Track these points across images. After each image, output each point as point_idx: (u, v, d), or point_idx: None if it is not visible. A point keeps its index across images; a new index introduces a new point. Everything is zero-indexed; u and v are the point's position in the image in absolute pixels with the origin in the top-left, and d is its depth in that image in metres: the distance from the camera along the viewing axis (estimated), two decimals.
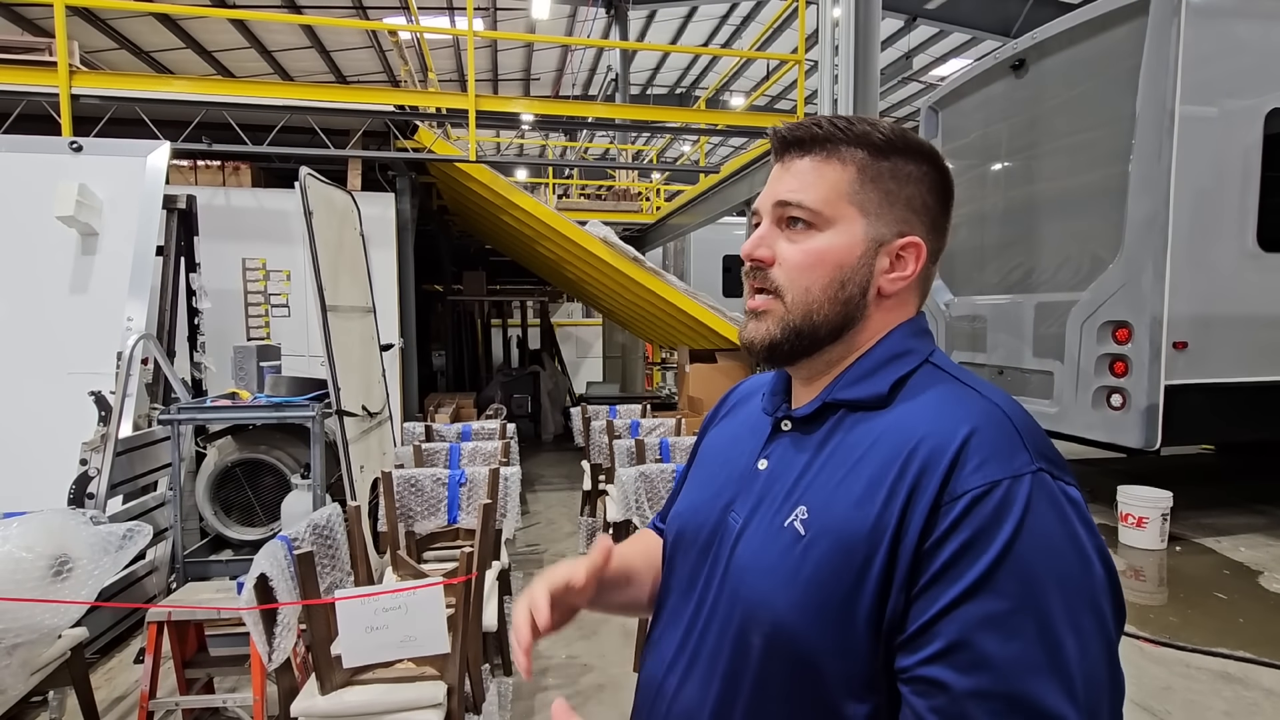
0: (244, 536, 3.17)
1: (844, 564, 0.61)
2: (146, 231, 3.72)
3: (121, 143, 3.89)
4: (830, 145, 0.70)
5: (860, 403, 0.69)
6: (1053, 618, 0.55)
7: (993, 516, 0.57)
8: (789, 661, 0.63)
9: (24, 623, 1.93)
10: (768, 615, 0.64)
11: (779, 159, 0.74)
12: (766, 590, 0.65)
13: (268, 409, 2.96)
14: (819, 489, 0.66)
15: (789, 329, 0.70)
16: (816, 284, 0.69)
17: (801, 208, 0.70)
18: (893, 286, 0.71)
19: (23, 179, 3.70)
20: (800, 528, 0.64)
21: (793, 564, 0.63)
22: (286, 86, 4.57)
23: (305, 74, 15.22)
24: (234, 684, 2.72)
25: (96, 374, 3.37)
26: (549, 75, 17.63)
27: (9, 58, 4.36)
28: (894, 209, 0.70)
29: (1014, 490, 0.57)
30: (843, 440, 0.68)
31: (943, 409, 0.64)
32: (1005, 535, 0.56)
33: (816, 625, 0.61)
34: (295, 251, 4.87)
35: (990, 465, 0.59)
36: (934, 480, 0.59)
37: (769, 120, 5.55)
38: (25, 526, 2.04)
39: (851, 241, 0.69)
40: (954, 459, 0.59)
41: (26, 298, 3.56)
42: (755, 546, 0.68)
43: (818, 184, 0.70)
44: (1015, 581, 0.55)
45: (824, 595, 0.61)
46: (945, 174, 0.73)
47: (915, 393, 0.68)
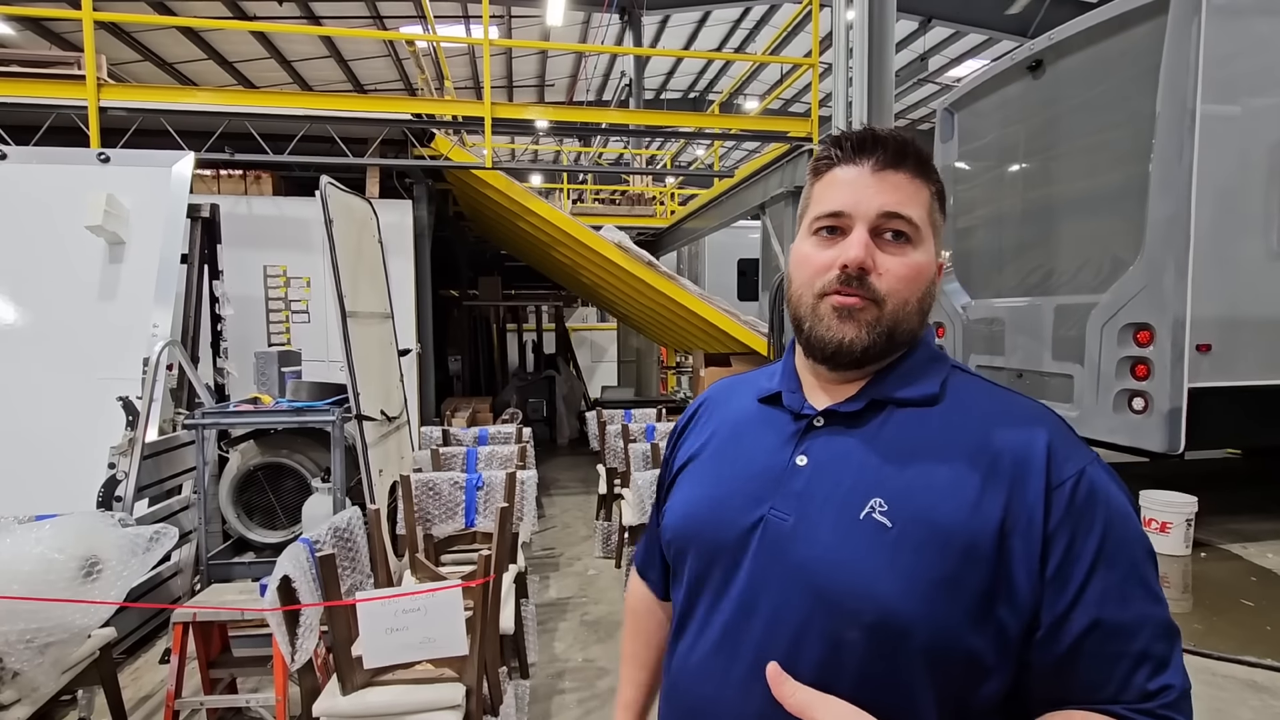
0: (266, 539, 3.21)
1: (944, 549, 0.64)
2: (172, 240, 3.80)
3: (147, 153, 3.98)
4: (920, 164, 0.74)
5: (914, 401, 0.73)
6: (1144, 572, 0.66)
7: (1087, 499, 0.66)
8: (902, 651, 0.64)
9: (55, 622, 1.98)
10: (871, 606, 0.64)
11: (864, 162, 0.73)
12: (863, 582, 0.65)
13: (289, 414, 3.01)
14: (894, 481, 0.68)
15: (883, 334, 0.72)
16: (913, 296, 0.73)
17: (910, 222, 0.72)
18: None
19: (53, 189, 3.80)
20: (884, 519, 0.66)
21: (886, 554, 0.65)
22: (306, 96, 4.65)
23: (324, 83, 15.45)
24: (256, 684, 2.77)
25: (123, 379, 3.45)
26: (563, 81, 17.73)
27: (40, 72, 4.48)
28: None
29: (1093, 474, 0.67)
30: (901, 434, 0.71)
31: (1009, 410, 0.72)
32: (1102, 514, 0.66)
33: (928, 610, 0.63)
34: (315, 258, 4.95)
35: (1074, 457, 0.68)
36: (1038, 471, 0.66)
37: (783, 124, 5.54)
38: (57, 528, 2.09)
39: (931, 259, 0.75)
40: (1048, 455, 0.67)
41: (57, 305, 3.65)
42: (829, 541, 0.68)
43: (917, 199, 0.73)
44: (1118, 552, 0.65)
45: (932, 580, 0.64)
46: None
47: (962, 393, 0.74)
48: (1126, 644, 0.64)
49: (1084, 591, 0.64)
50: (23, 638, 1.93)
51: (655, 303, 5.65)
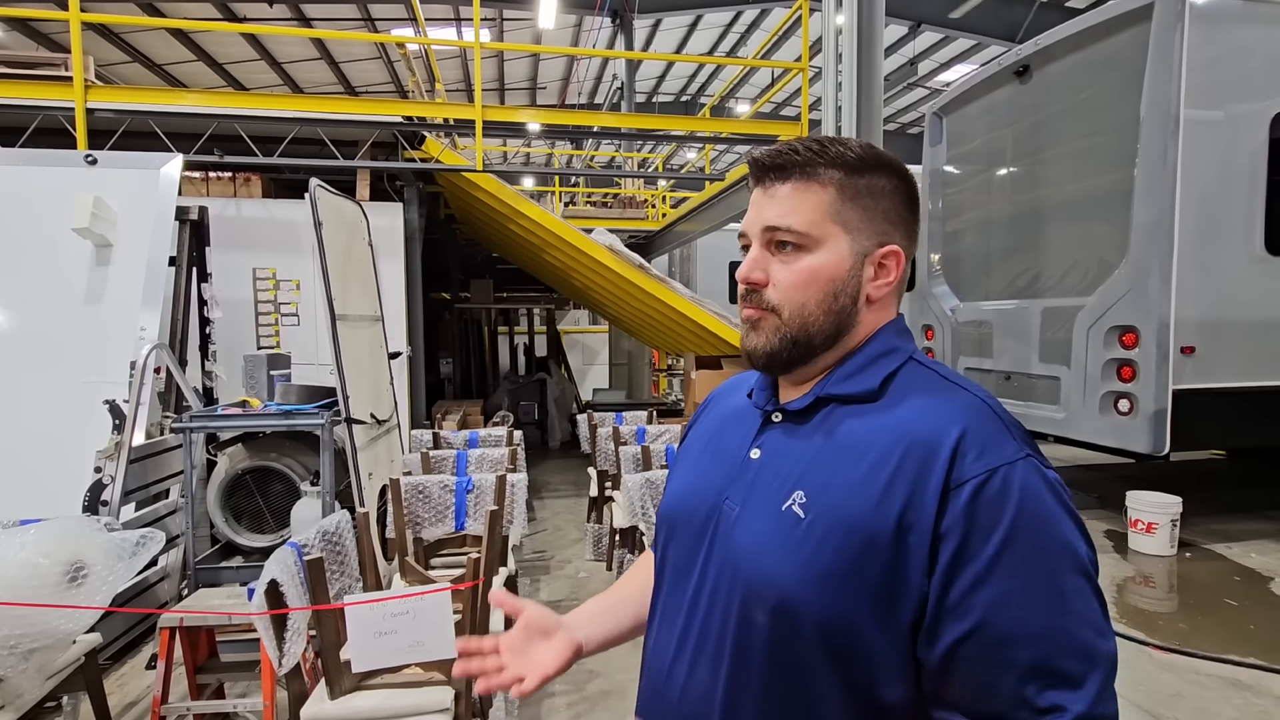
0: (254, 543, 3.20)
1: (846, 543, 0.65)
2: (160, 242, 3.77)
3: (135, 155, 3.96)
4: (809, 169, 0.74)
5: (852, 397, 0.74)
6: (1059, 584, 0.62)
7: (995, 500, 0.63)
8: (798, 636, 0.67)
9: (40, 628, 1.97)
10: (772, 592, 0.68)
11: (759, 184, 0.77)
12: (769, 568, 0.69)
13: (277, 417, 3.00)
14: (816, 475, 0.70)
15: (786, 340, 0.75)
16: (812, 299, 0.74)
17: (790, 231, 0.74)
18: (879, 292, 0.76)
19: (40, 191, 3.76)
20: (800, 510, 0.69)
21: (794, 544, 0.68)
22: (296, 99, 4.64)
23: (314, 85, 15.39)
24: (244, 689, 2.75)
25: (110, 383, 3.42)
26: (555, 84, 17.74)
27: (26, 73, 4.45)
28: (874, 222, 0.75)
29: (1010, 475, 0.64)
30: (836, 431, 0.73)
31: (936, 404, 0.70)
32: (1009, 517, 0.62)
33: (821, 599, 0.65)
34: (304, 261, 4.93)
35: (987, 455, 0.65)
36: (938, 470, 0.64)
37: (773, 128, 5.58)
38: (41, 533, 2.07)
39: (839, 257, 0.74)
40: (955, 449, 0.65)
41: (43, 308, 3.61)
42: (755, 529, 0.71)
43: (801, 207, 0.74)
44: (1023, 557, 0.62)
45: (828, 571, 0.66)
46: (913, 185, 0.79)
47: (905, 388, 0.73)
48: (1017, 654, 0.61)
49: (972, 595, 0.62)
50: (6, 643, 1.92)
51: (647, 305, 5.67)
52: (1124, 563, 4.09)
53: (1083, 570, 0.64)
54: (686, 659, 0.75)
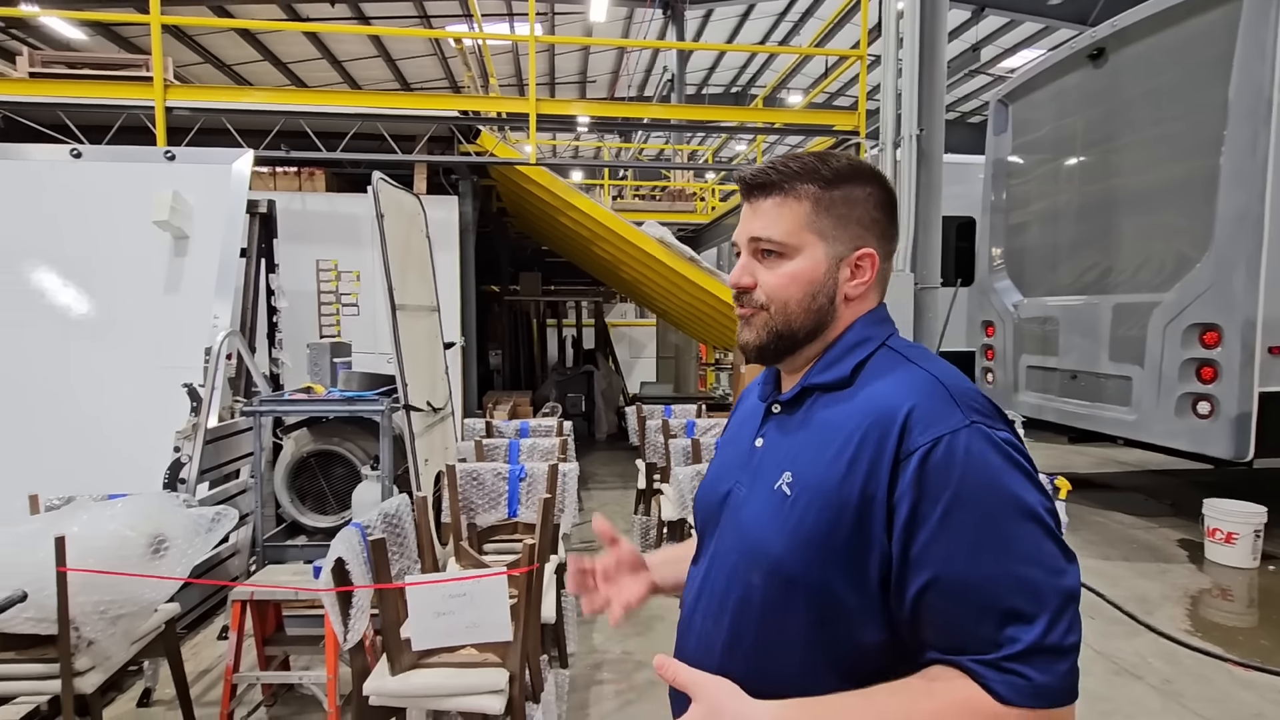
0: (317, 523, 3.33)
1: (822, 514, 0.76)
2: (232, 234, 3.95)
3: (210, 151, 4.15)
4: (787, 185, 0.84)
5: (829, 385, 0.84)
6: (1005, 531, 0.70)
7: (941, 464, 0.71)
8: (786, 595, 0.78)
9: (127, 595, 2.09)
10: (765, 558, 0.80)
11: (747, 200, 0.88)
12: (763, 539, 0.81)
13: (340, 403, 3.11)
14: (800, 457, 0.81)
15: (773, 333, 0.85)
16: (793, 299, 0.84)
17: (771, 241, 0.84)
18: (856, 290, 0.86)
19: (123, 186, 3.99)
20: (787, 489, 0.80)
21: (782, 517, 0.79)
22: (359, 95, 4.78)
23: (372, 82, 15.83)
24: (307, 663, 2.87)
25: (186, 368, 3.61)
26: (605, 77, 17.80)
27: (111, 74, 4.71)
28: (848, 229, 0.85)
29: (954, 441, 0.72)
30: (817, 417, 0.83)
31: (894, 384, 0.79)
32: (954, 479, 0.70)
33: (803, 563, 0.76)
34: (364, 253, 5.09)
35: (933, 425, 0.73)
36: (890, 443, 0.74)
37: (828, 118, 5.46)
38: (128, 507, 2.21)
39: (815, 262, 0.84)
40: (904, 424, 0.74)
41: (126, 296, 3.83)
42: (755, 508, 0.84)
43: (780, 220, 0.84)
44: (969, 512, 0.70)
45: (807, 539, 0.76)
46: (887, 190, 0.88)
47: (873, 373, 0.82)
48: (970, 598, 0.69)
49: (926, 551, 0.70)
50: (97, 609, 2.05)
51: (696, 299, 5.64)
52: (1200, 574, 3.87)
53: (1031, 516, 0.70)
54: (700, 613, 0.88)
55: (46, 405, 3.53)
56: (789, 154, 0.87)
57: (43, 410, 3.52)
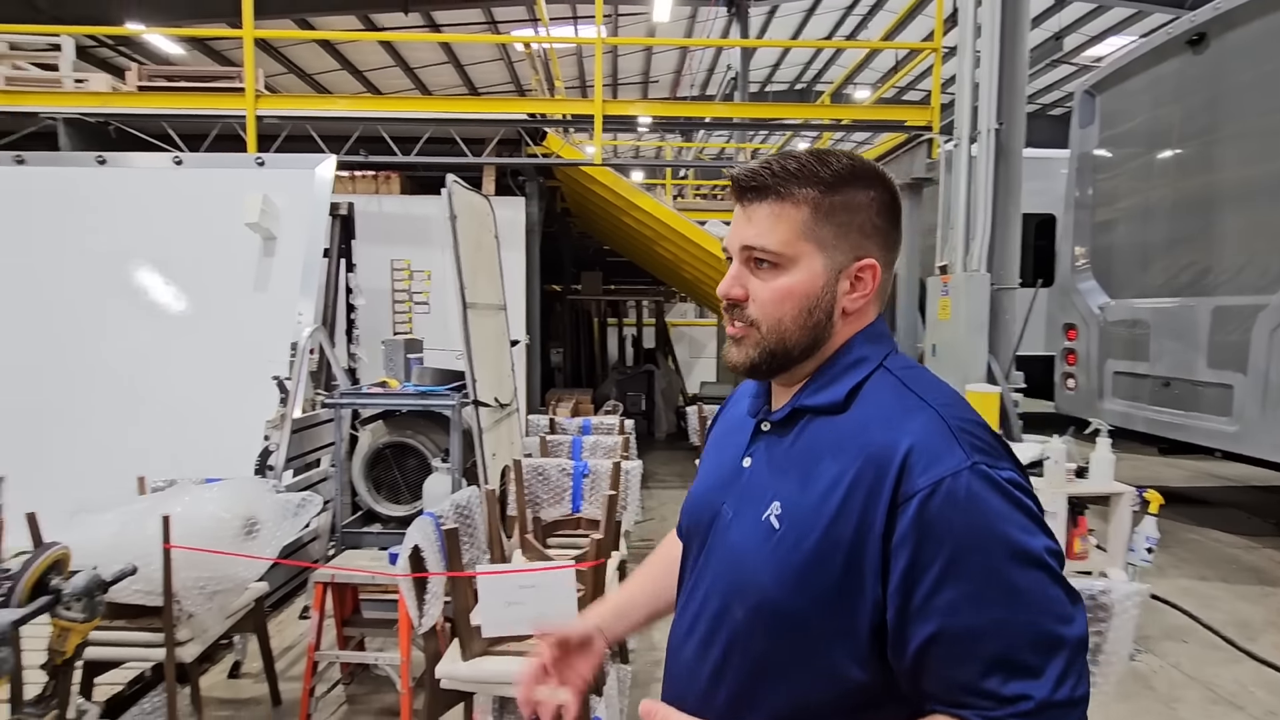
0: (391, 512, 3.46)
1: (811, 553, 0.71)
2: (315, 236, 4.17)
3: (296, 157, 4.39)
4: (784, 188, 0.77)
5: (822, 409, 0.78)
6: (1010, 579, 0.65)
7: (940, 511, 0.66)
8: (767, 632, 0.75)
9: (224, 573, 2.24)
10: (750, 592, 0.76)
11: (739, 203, 0.80)
12: (749, 571, 0.76)
13: (415, 397, 3.23)
14: (789, 487, 0.76)
15: (765, 352, 0.79)
16: (788, 315, 0.78)
17: (765, 251, 0.77)
18: (855, 304, 0.79)
19: (218, 191, 4.26)
20: (775, 522, 0.75)
21: (769, 550, 0.74)
22: (433, 101, 4.96)
23: (441, 87, 16.36)
24: (381, 645, 3.00)
25: (272, 361, 3.83)
26: (667, 78, 17.81)
27: (209, 86, 5.04)
28: (848, 237, 0.78)
29: (955, 486, 0.67)
30: (809, 442, 0.77)
31: (891, 415, 0.73)
32: (955, 526, 0.66)
33: (787, 601, 0.73)
34: (435, 253, 5.26)
35: (933, 468, 0.68)
36: (887, 485, 0.68)
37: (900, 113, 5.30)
38: (224, 491, 2.36)
39: (813, 275, 0.78)
40: (901, 465, 0.68)
41: (219, 294, 4.09)
42: (741, 536, 0.79)
43: (776, 227, 0.77)
44: (972, 561, 0.66)
45: (793, 577, 0.72)
46: (892, 193, 0.80)
47: (870, 399, 0.76)
48: (977, 650, 0.65)
49: (929, 602, 0.66)
50: (197, 584, 2.20)
51: None
52: None
53: (1036, 562, 0.66)
54: (687, 640, 0.84)
55: (150, 394, 3.81)
56: (784, 152, 0.79)
57: (148, 399, 3.80)
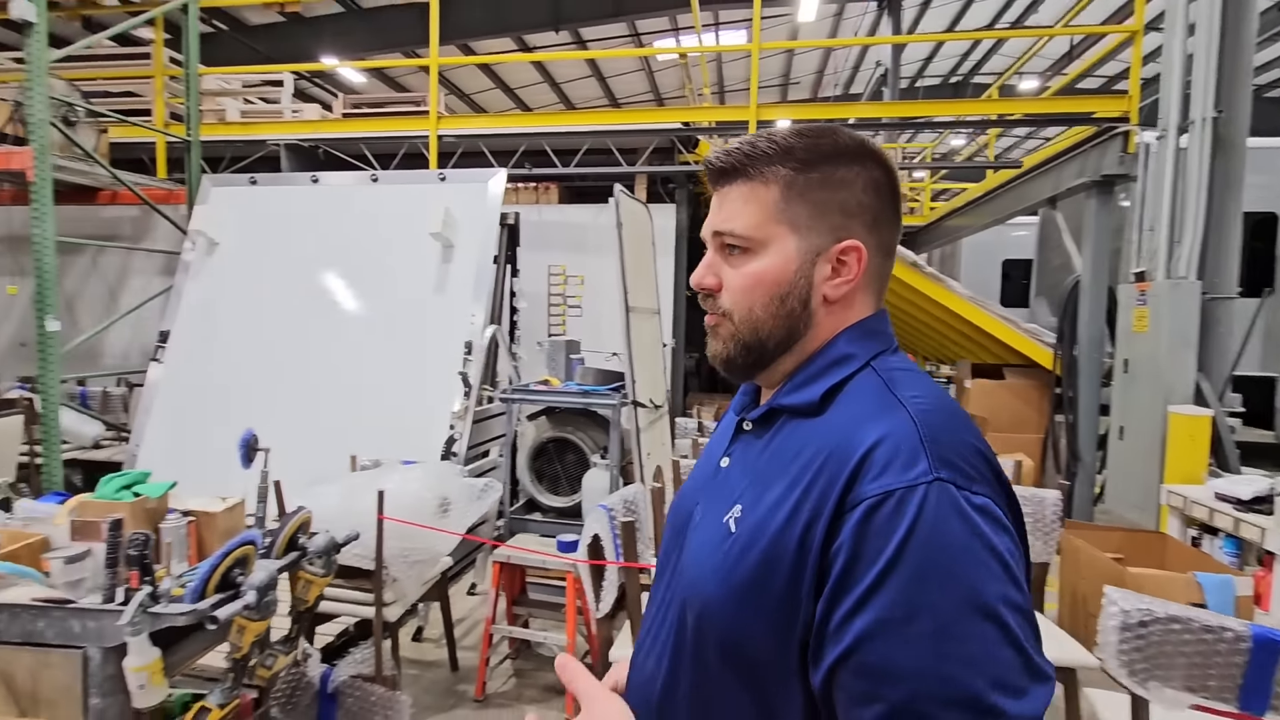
0: (551, 502, 3.68)
1: (758, 559, 0.65)
2: (487, 244, 4.53)
3: (471, 171, 4.80)
4: (754, 168, 0.73)
5: (796, 409, 0.72)
6: (948, 620, 0.56)
7: (885, 524, 0.58)
8: (719, 642, 0.68)
9: (423, 544, 2.51)
10: (698, 599, 0.70)
11: (714, 188, 0.77)
12: (700, 577, 0.71)
13: (578, 395, 3.42)
14: (753, 489, 0.70)
15: (740, 344, 0.75)
16: (758, 303, 0.73)
17: (733, 235, 0.74)
18: (837, 292, 0.73)
19: (406, 204, 4.76)
20: (732, 525, 0.70)
21: (720, 555, 0.69)
22: (592, 114, 5.23)
23: (585, 100, 17.09)
24: (543, 626, 3.20)
25: (448, 358, 4.21)
26: (808, 78, 17.41)
27: (397, 111, 5.64)
28: (827, 217, 0.72)
29: (907, 499, 0.59)
30: (779, 444, 0.72)
31: (863, 417, 0.66)
32: (896, 543, 0.57)
33: (730, 611, 0.67)
34: (588, 259, 5.53)
35: (888, 474, 0.60)
36: (837, 489, 0.62)
37: (1088, 104, 4.82)
38: (424, 472, 2.65)
39: (785, 259, 0.72)
40: (855, 469, 0.62)
41: (406, 296, 4.56)
42: (701, 539, 0.74)
43: (745, 210, 0.73)
44: (906, 587, 0.57)
45: (738, 585, 0.66)
46: (884, 170, 0.73)
47: (847, 400, 0.70)
48: (884, 689, 0.56)
49: (849, 620, 0.58)
50: (402, 553, 2.48)
51: (915, 306, 5.31)
52: None
53: (985, 612, 0.56)
54: (644, 649, 0.79)
55: (353, 384, 4.33)
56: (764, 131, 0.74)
57: (350, 387, 4.32)
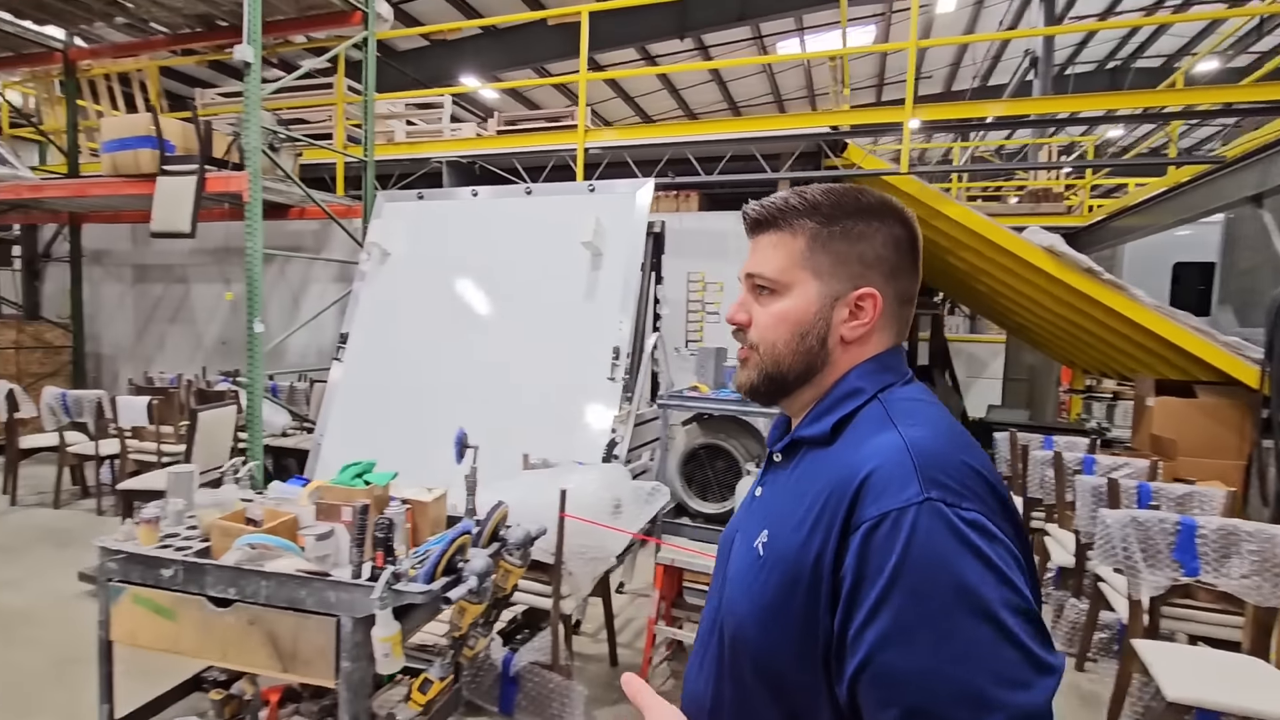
0: (701, 508, 3.72)
1: (781, 581, 0.72)
2: (634, 252, 4.66)
3: (619, 182, 4.95)
4: (784, 221, 0.82)
5: (813, 440, 0.80)
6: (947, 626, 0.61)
7: (883, 544, 0.65)
8: (751, 659, 0.75)
9: (598, 543, 2.62)
10: (733, 621, 0.78)
11: (750, 236, 0.86)
12: (735, 599, 0.79)
13: (734, 403, 3.43)
14: (778, 516, 0.78)
15: (763, 374, 0.83)
16: (780, 339, 0.82)
17: (763, 278, 0.83)
18: (853, 333, 0.81)
19: (557, 214, 4.99)
20: (761, 550, 0.77)
21: (751, 578, 0.77)
22: (737, 121, 5.23)
23: (703, 106, 17.14)
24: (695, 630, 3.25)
25: (597, 364, 4.36)
26: (940, 71, 16.49)
27: (547, 126, 5.93)
28: (847, 266, 0.80)
29: (901, 519, 0.65)
30: (801, 474, 0.79)
31: (865, 445, 0.73)
32: (894, 559, 0.64)
33: (759, 631, 0.74)
34: (726, 266, 5.54)
35: (884, 498, 0.67)
36: (841, 514, 0.69)
37: None
38: (600, 473, 2.77)
39: (806, 302, 0.81)
40: (855, 494, 0.69)
41: (559, 302, 4.78)
42: (737, 564, 0.82)
43: (774, 257, 0.83)
44: (907, 599, 0.63)
45: (766, 606, 0.73)
46: (908, 227, 0.82)
47: (853, 431, 0.77)
48: (898, 694, 0.62)
49: (861, 633, 0.65)
50: (580, 550, 2.61)
51: (1083, 314, 4.88)
52: None
53: (983, 613, 0.62)
54: (695, 666, 0.87)
55: (510, 385, 4.59)
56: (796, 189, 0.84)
57: (507, 388, 4.58)
